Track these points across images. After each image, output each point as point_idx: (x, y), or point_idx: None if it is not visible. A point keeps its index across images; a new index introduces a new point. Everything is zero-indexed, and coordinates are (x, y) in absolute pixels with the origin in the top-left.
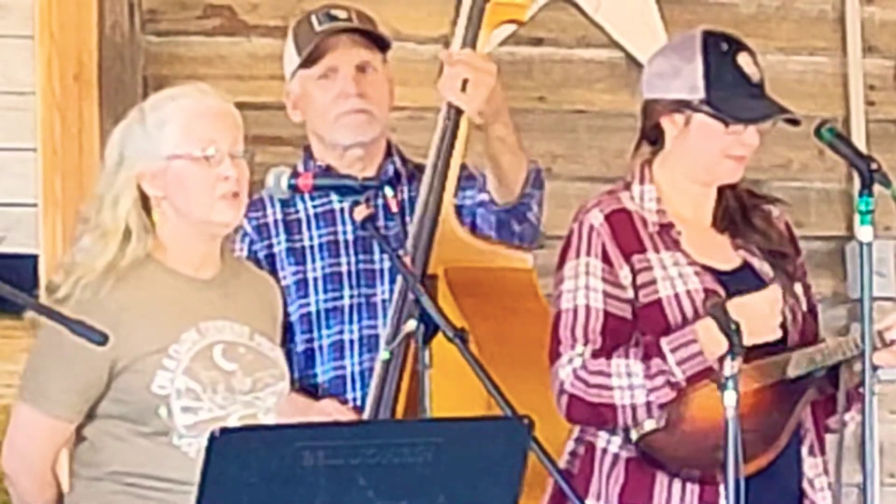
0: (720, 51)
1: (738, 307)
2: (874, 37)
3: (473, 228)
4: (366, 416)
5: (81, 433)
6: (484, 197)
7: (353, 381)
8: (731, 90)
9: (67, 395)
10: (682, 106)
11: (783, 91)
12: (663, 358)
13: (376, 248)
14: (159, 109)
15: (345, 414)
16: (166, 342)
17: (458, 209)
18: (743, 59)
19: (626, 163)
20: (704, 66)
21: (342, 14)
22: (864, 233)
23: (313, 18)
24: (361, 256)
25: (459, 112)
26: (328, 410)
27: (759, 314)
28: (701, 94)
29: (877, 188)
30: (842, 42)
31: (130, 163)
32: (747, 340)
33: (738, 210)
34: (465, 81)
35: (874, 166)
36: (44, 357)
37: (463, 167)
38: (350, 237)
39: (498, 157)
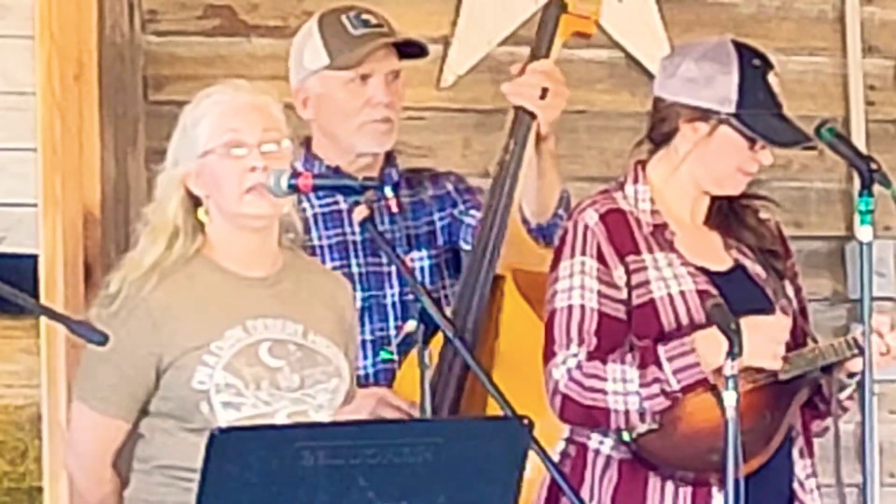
0: (753, 66)
1: (750, 328)
2: (874, 37)
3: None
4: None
5: (138, 430)
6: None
7: (367, 381)
8: (761, 108)
9: (117, 393)
10: (709, 115)
11: (783, 91)
12: (660, 366)
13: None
14: (195, 108)
15: (398, 402)
16: (209, 339)
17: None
18: (772, 79)
19: (625, 163)
20: (740, 80)
21: (372, 19)
22: (864, 233)
23: (345, 21)
24: (370, 259)
25: (533, 118)
26: (384, 396)
27: (767, 338)
28: (732, 108)
29: (877, 188)
30: (842, 42)
31: (178, 164)
32: (746, 361)
33: (730, 209)
34: (544, 90)
35: (874, 166)
36: (94, 356)
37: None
38: (358, 238)
39: (546, 173)
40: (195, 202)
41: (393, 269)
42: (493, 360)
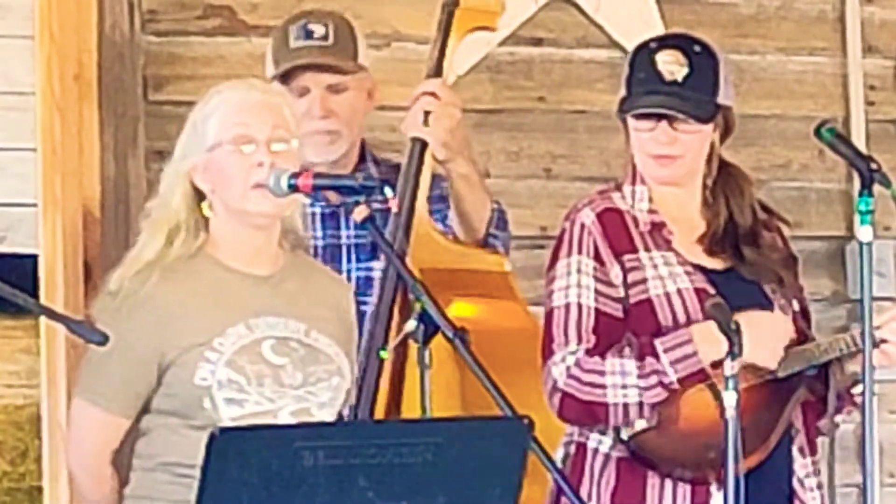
0: (649, 48)
1: (749, 324)
2: (874, 37)
3: None
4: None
5: (139, 427)
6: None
7: None
8: (640, 87)
9: (118, 390)
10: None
11: (783, 91)
12: (657, 358)
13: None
14: (206, 104)
15: None
16: (211, 335)
17: None
18: (662, 57)
19: (624, 163)
20: (629, 68)
21: (319, 30)
22: (864, 233)
23: (290, 31)
24: (362, 264)
25: (424, 146)
26: None
27: (766, 336)
28: (623, 93)
29: (877, 188)
30: (842, 42)
31: (184, 159)
32: (746, 357)
33: (726, 238)
34: (426, 114)
35: (874, 166)
36: (98, 353)
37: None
38: (352, 242)
39: (461, 196)
40: (199, 197)
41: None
42: (406, 363)
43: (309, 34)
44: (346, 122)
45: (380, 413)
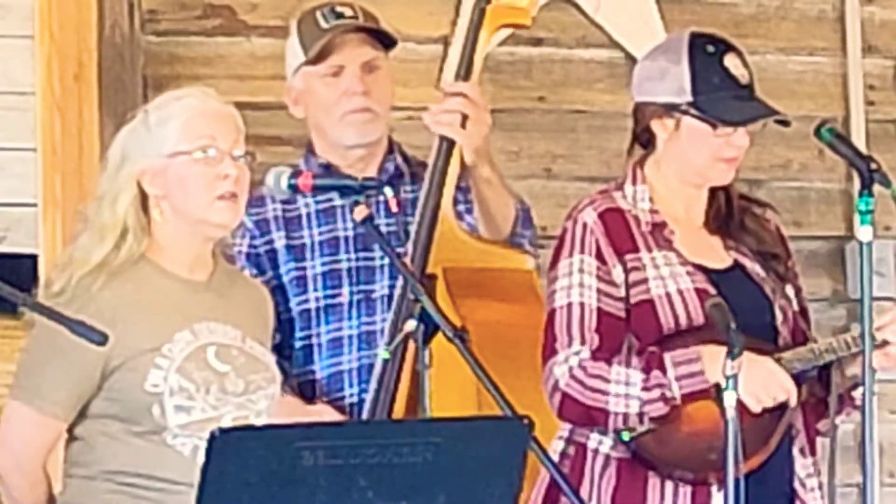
0: (706, 52)
1: (751, 363)
2: (874, 37)
3: None
4: (364, 416)
5: (74, 433)
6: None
7: (351, 377)
8: (718, 92)
9: (59, 393)
10: (670, 109)
11: (783, 91)
12: (664, 371)
13: (376, 245)
14: (163, 108)
15: (338, 418)
16: (160, 341)
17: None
18: (730, 61)
19: (624, 164)
20: (691, 69)
21: (348, 11)
22: (864, 233)
23: (318, 16)
24: (361, 254)
25: (452, 145)
26: (322, 415)
27: (760, 383)
28: (688, 97)
29: (877, 188)
30: (842, 42)
31: (132, 161)
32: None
33: (729, 212)
34: (464, 117)
35: (874, 166)
36: (36, 355)
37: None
38: (350, 234)
39: (485, 199)
40: (144, 202)
41: (384, 263)
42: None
43: (339, 15)
44: (381, 103)
45: (399, 414)
